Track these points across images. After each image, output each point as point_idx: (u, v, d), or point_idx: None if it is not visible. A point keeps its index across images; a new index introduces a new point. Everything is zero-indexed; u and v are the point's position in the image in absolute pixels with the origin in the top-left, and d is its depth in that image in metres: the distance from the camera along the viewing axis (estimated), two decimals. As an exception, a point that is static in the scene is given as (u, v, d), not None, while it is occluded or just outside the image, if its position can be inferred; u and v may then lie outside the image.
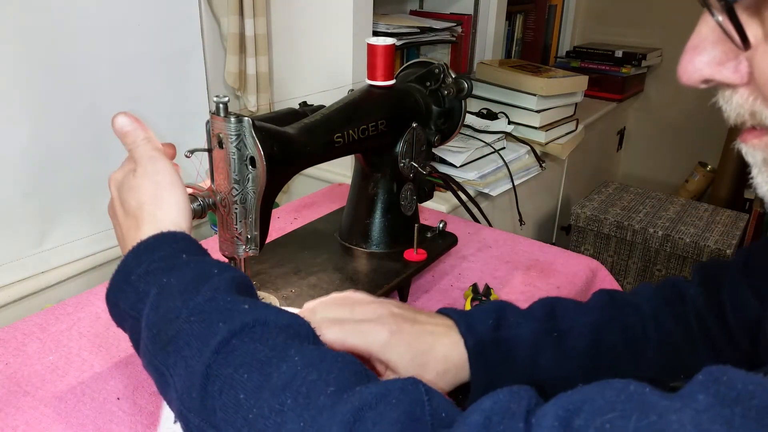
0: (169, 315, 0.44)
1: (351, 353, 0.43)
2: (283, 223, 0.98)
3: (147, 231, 0.50)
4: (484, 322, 0.55)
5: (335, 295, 0.59)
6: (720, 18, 0.33)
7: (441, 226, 0.84)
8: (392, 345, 0.52)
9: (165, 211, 0.52)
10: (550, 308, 0.58)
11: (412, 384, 0.37)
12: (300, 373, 0.38)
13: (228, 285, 0.46)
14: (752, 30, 0.33)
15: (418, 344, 0.53)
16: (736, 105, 0.37)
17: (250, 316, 0.42)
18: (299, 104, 0.75)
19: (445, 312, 0.58)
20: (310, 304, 0.58)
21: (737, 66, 0.35)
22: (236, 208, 0.59)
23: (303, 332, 0.43)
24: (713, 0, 0.33)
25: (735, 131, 0.39)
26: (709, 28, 0.35)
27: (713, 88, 0.38)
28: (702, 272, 0.61)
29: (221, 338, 0.41)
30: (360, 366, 0.41)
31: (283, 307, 0.69)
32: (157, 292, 0.46)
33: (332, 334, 0.53)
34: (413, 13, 1.65)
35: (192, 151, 0.57)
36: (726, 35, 0.34)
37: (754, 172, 0.39)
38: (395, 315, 0.55)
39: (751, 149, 0.38)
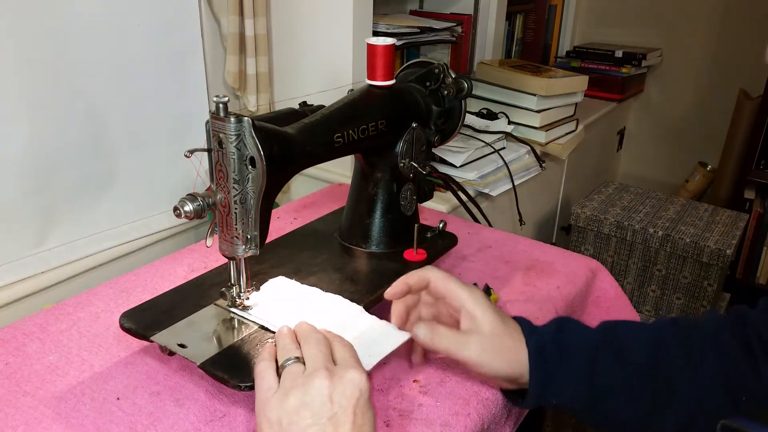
0: None
1: None
2: (283, 223, 0.98)
3: None
4: (547, 327, 0.60)
5: None
6: None
7: (441, 226, 0.84)
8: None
9: None
10: (612, 325, 0.62)
11: None
12: None
13: None
14: None
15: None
16: None
17: None
18: (299, 104, 0.75)
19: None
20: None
21: None
22: (236, 208, 0.59)
23: None
24: None
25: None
26: None
27: None
28: (767, 299, 0.60)
29: None
30: None
31: (295, 281, 0.69)
32: None
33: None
34: (413, 13, 1.65)
35: (192, 151, 0.57)
36: None
37: None
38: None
39: None
